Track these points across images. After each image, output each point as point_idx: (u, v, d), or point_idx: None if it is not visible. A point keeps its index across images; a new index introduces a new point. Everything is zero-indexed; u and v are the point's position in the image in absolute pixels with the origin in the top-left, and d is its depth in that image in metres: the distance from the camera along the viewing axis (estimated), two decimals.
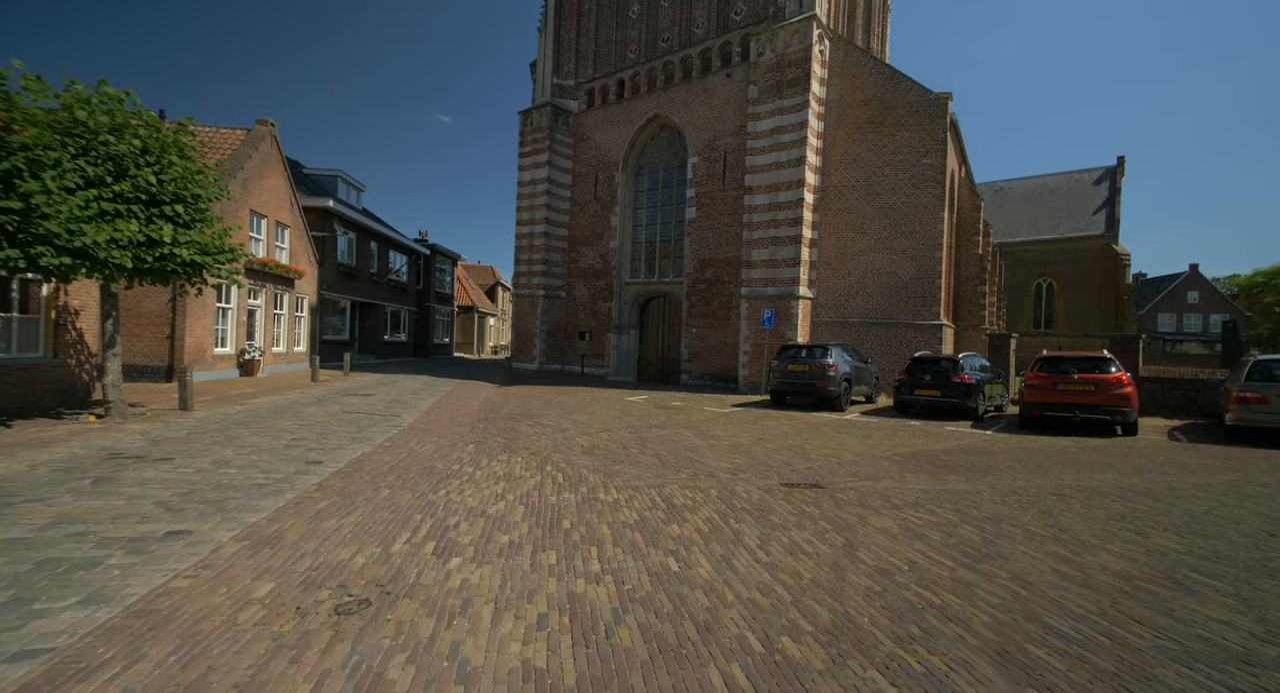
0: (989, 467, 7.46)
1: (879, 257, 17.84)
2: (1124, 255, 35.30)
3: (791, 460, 7.64)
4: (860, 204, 18.01)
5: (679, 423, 10.95)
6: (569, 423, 10.51)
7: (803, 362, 13.68)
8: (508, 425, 9.97)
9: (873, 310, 17.92)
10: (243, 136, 17.24)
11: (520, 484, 5.87)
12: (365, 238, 26.11)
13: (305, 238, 20.56)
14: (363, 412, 10.78)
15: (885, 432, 10.50)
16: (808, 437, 9.70)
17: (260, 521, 4.43)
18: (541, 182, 24.79)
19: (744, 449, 8.37)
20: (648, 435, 9.38)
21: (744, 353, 18.44)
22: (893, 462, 7.71)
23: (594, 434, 9.32)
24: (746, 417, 12.18)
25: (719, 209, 20.44)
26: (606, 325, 23.83)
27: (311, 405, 11.40)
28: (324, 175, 25.55)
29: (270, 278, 18.09)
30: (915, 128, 17.41)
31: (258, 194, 17.19)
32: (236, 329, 16.43)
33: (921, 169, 17.36)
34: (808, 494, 5.85)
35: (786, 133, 17.72)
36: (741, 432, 10.05)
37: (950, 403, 12.21)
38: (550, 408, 12.73)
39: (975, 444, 9.35)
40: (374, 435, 8.36)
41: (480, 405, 12.78)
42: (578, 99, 25.26)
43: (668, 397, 16.03)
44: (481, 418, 10.81)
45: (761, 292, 18.09)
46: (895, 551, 4.21)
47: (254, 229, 17.40)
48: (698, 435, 9.49)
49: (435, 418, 10.53)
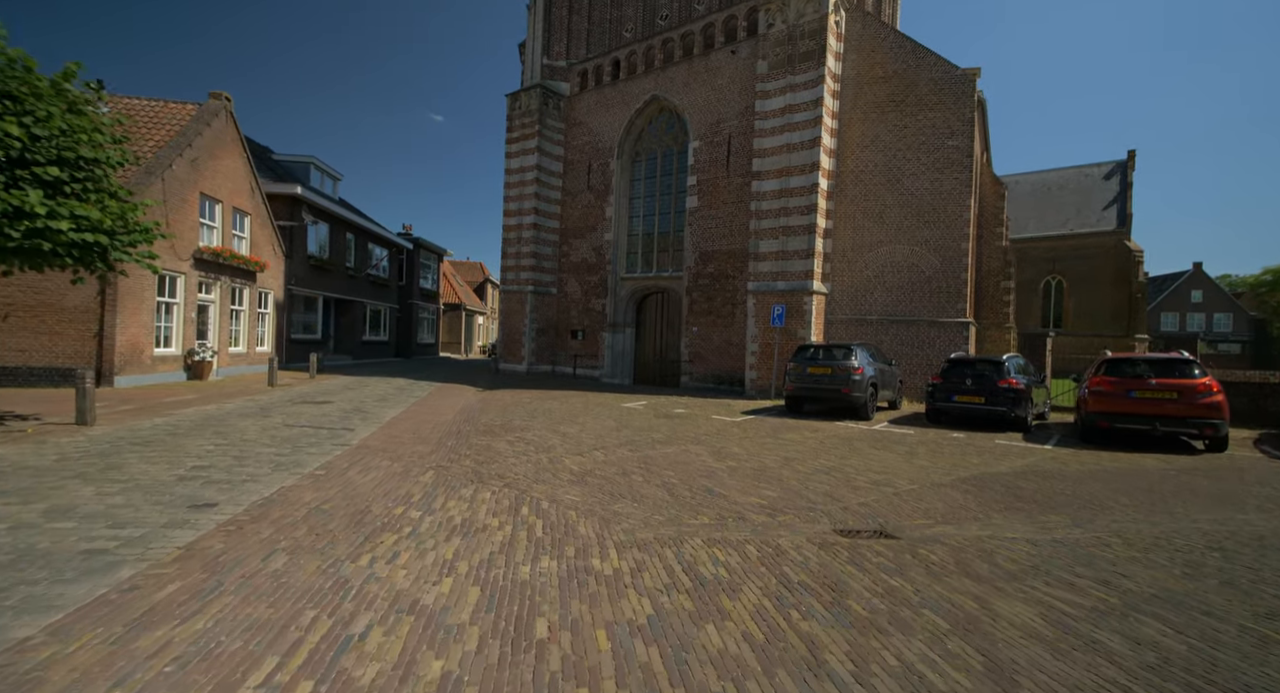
0: (1088, 500, 5.87)
1: (899, 248, 16.28)
2: (1137, 252, 34.04)
3: (835, 490, 6.02)
4: (879, 191, 16.45)
5: (686, 436, 9.31)
6: (557, 438, 8.84)
7: (823, 364, 12.07)
8: (483, 443, 8.29)
9: (892, 307, 16.36)
10: (193, 111, 15.41)
11: (482, 542, 4.21)
12: (340, 229, 24.29)
13: (269, 227, 18.75)
14: (309, 425, 9.06)
15: (929, 447, 8.90)
16: (842, 455, 8.09)
17: (31, 636, 2.73)
18: (530, 169, 23.06)
19: (772, 474, 6.74)
20: (651, 454, 7.74)
21: (751, 354, 16.83)
22: (961, 491, 6.11)
23: (586, 454, 7.66)
24: (762, 428, 10.55)
25: (723, 197, 18.81)
26: (600, 324, 22.16)
27: (250, 417, 9.65)
28: (295, 162, 23.71)
29: (227, 270, 16.28)
30: (940, 107, 15.86)
31: (210, 176, 15.39)
32: (184, 327, 14.61)
33: (946, 152, 15.82)
34: (881, 552, 4.22)
35: (799, 111, 16.11)
36: (762, 448, 8.41)
37: (995, 412, 10.65)
38: (537, 417, 11.05)
39: (1044, 465, 7.77)
40: (308, 459, 6.65)
41: (455, 415, 11.08)
42: (569, 81, 23.55)
43: (669, 402, 14.38)
44: (453, 432, 9.12)
45: (771, 286, 16.48)
46: (1071, 681, 2.58)
47: (206, 215, 15.59)
48: (711, 454, 7.86)
49: (396, 433, 8.83)
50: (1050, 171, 39.52)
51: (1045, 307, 37.36)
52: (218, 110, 15.71)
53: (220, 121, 15.84)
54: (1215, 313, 53.54)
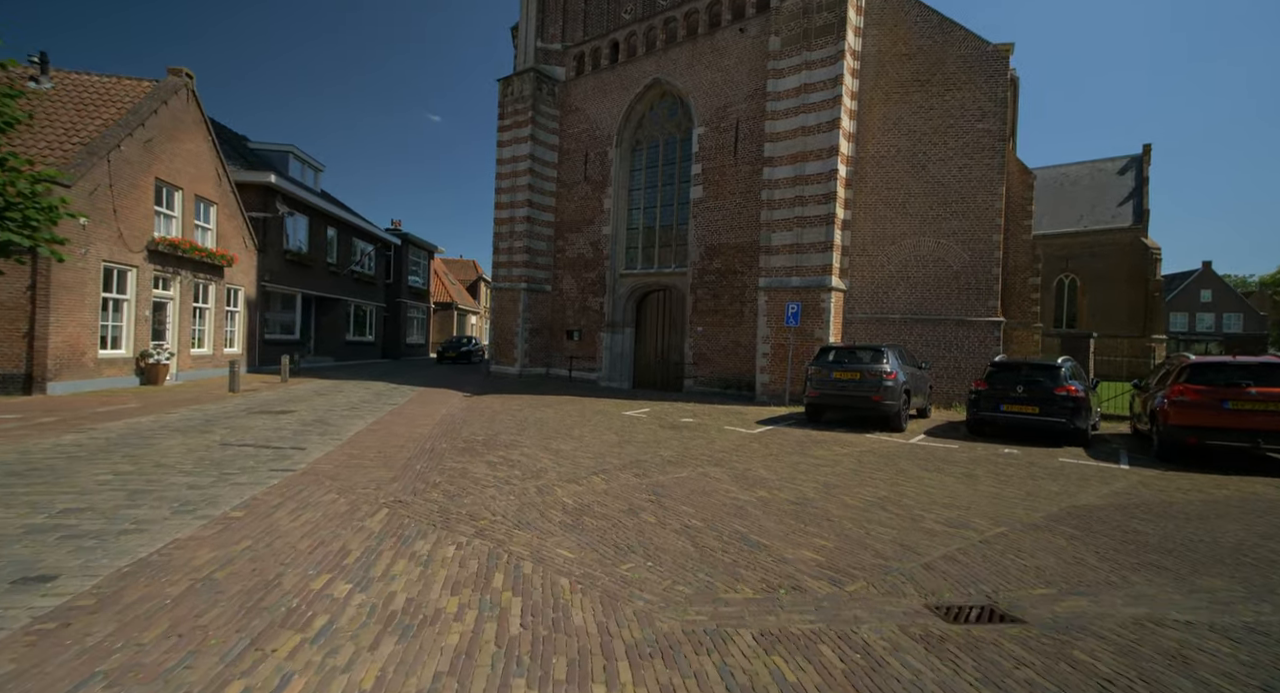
0: (1239, 551, 4.52)
1: (924, 240, 14.95)
2: (1154, 250, 32.87)
3: (906, 536, 4.65)
4: (902, 178, 15.11)
5: (700, 454, 7.93)
6: (548, 457, 7.45)
7: (851, 368, 10.71)
8: (459, 466, 6.89)
9: (916, 304, 15.03)
10: (148, 89, 13.96)
11: (427, 649, 2.82)
12: (321, 223, 22.82)
13: (239, 218, 17.30)
14: (253, 443, 7.64)
15: (988, 468, 7.55)
16: (890, 479, 6.73)
17: None
18: (524, 159, 21.65)
19: (816, 510, 5.37)
20: (662, 481, 6.36)
21: (762, 355, 15.48)
22: (1065, 536, 4.75)
23: (583, 481, 6.27)
24: (785, 442, 9.18)
25: (730, 187, 17.45)
26: (598, 323, 20.77)
27: (185, 433, 8.23)
28: (273, 150, 22.24)
29: (188, 264, 14.82)
30: (969, 86, 14.54)
31: (168, 160, 13.93)
32: (136, 326, 13.16)
33: (976, 135, 14.50)
34: (1014, 651, 2.86)
35: (816, 91, 14.76)
36: (793, 471, 7.04)
37: (1052, 423, 9.30)
38: (527, 429, 9.66)
39: (1139, 493, 6.42)
40: (228, 494, 5.25)
41: (433, 427, 9.68)
42: (565, 65, 22.15)
43: (674, 410, 13.01)
44: (426, 450, 7.72)
45: (784, 283, 15.12)
46: None
47: (163, 203, 14.13)
48: (735, 480, 6.48)
49: (356, 451, 7.42)
50: (1062, 166, 38.30)
51: (1059, 306, 36.15)
52: (176, 88, 14.26)
53: (180, 100, 14.38)
54: (1225, 313, 52.49)
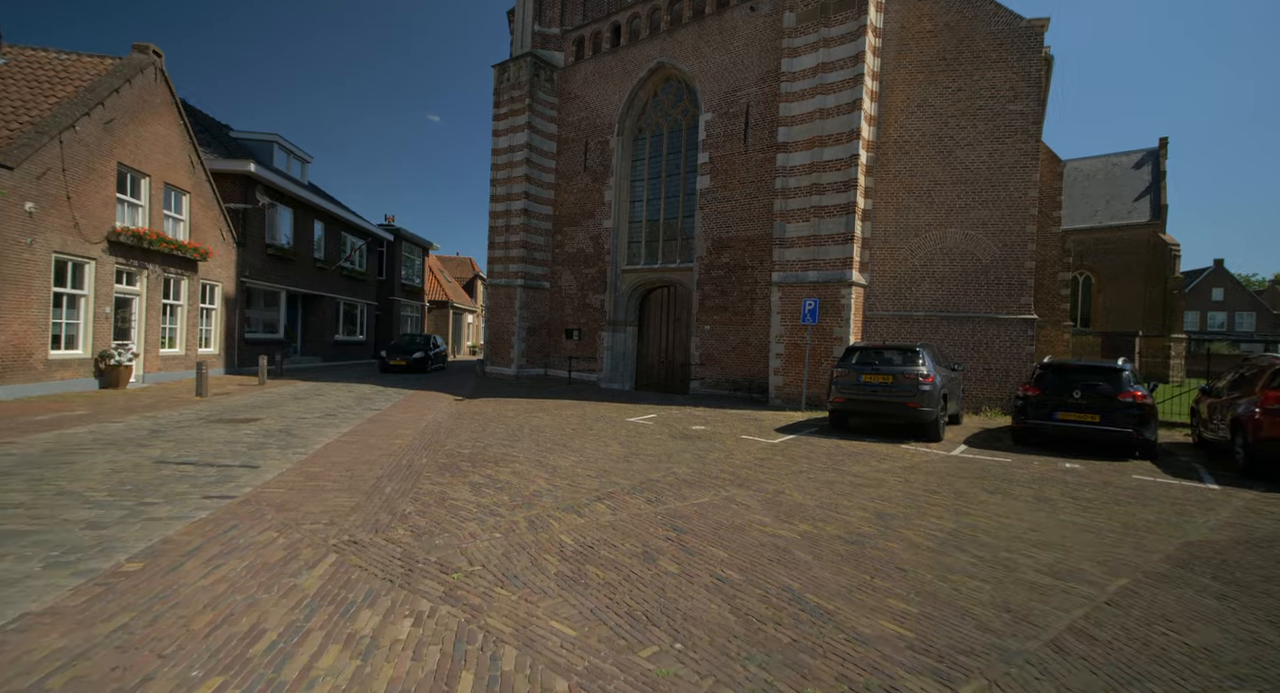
0: None
1: (951, 232, 13.87)
2: (1173, 246, 31.83)
3: (1007, 595, 3.57)
4: (927, 165, 14.02)
5: (720, 471, 6.84)
6: (544, 477, 6.36)
7: (882, 370, 9.62)
8: (437, 488, 5.79)
9: (943, 301, 13.94)
10: (111, 67, 12.83)
11: None
12: (308, 216, 21.70)
13: (216, 209, 16.18)
14: (196, 460, 6.53)
15: (1057, 489, 6.46)
16: (953, 505, 5.64)
17: None
18: (520, 148, 20.53)
19: (878, 552, 4.28)
20: (680, 509, 5.27)
21: (776, 356, 14.39)
22: (1210, 593, 3.67)
23: (585, 510, 5.18)
24: (814, 455, 8.09)
25: (740, 177, 16.36)
26: (599, 322, 19.68)
27: (119, 447, 7.12)
28: (256, 140, 21.09)
29: (156, 257, 13.70)
30: (1000, 65, 13.45)
31: (132, 144, 12.81)
32: (95, 324, 12.04)
33: (1008, 118, 13.41)
34: None
35: (835, 70, 13.66)
36: (834, 495, 5.95)
37: (1114, 434, 8.20)
38: (520, 439, 8.57)
39: (1252, 523, 5.34)
40: (135, 534, 4.15)
41: (415, 437, 8.58)
42: (564, 50, 21.04)
43: (683, 415, 11.92)
44: (401, 467, 6.62)
45: (800, 277, 14.03)
46: None
47: (127, 190, 13.02)
48: (768, 508, 5.39)
49: (318, 470, 6.32)
50: (1076, 161, 37.20)
51: (1073, 304, 35.07)
52: (142, 66, 13.13)
53: (146, 80, 13.26)
54: (1237, 312, 51.46)
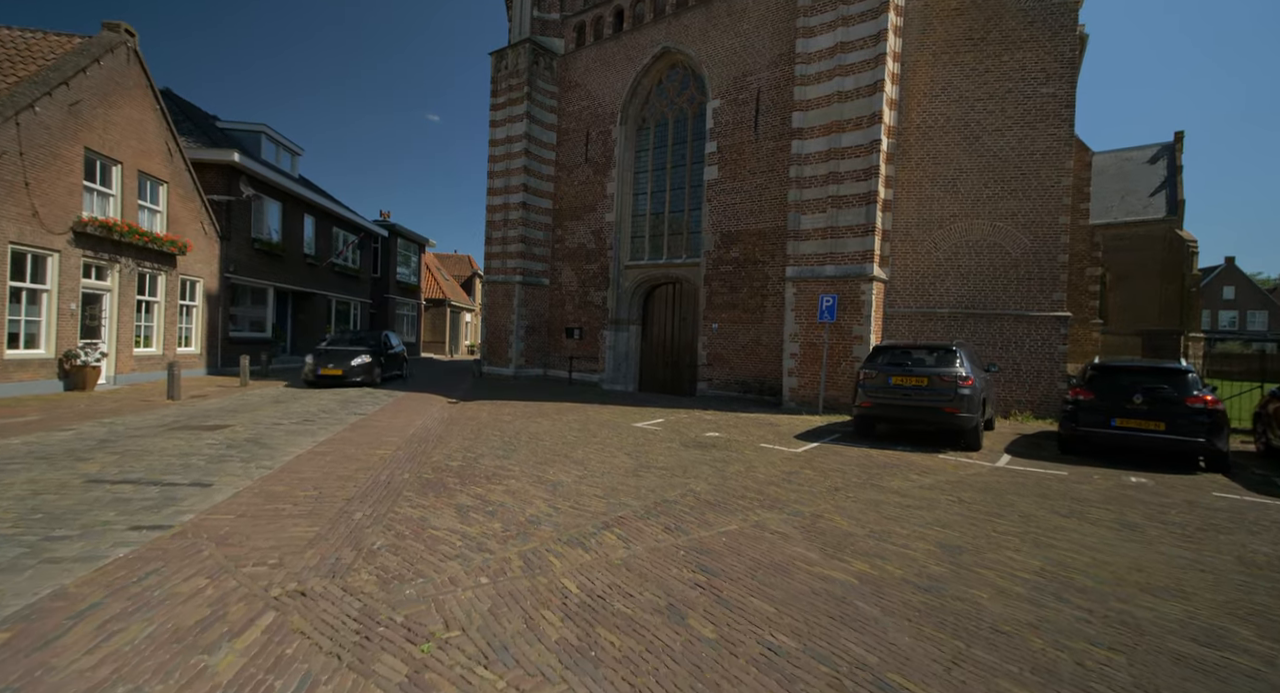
0: None
1: (978, 223, 13.00)
2: (1190, 242, 30.96)
3: (1156, 676, 2.70)
4: (951, 152, 13.15)
5: (744, 488, 5.97)
6: (543, 496, 5.49)
7: (915, 372, 8.74)
8: (416, 512, 4.93)
9: (969, 297, 13.07)
10: (78, 46, 11.95)
11: None
12: (298, 210, 20.82)
13: (197, 201, 15.30)
14: (137, 478, 5.65)
15: (1139, 511, 5.59)
16: (1028, 534, 4.77)
17: None
18: (518, 139, 19.65)
19: (961, 602, 3.41)
20: (706, 540, 4.40)
21: (790, 356, 13.52)
22: None
23: (592, 543, 4.31)
24: (845, 467, 7.21)
25: (750, 166, 15.49)
26: (600, 320, 18.81)
27: (50, 462, 6.24)
28: (243, 130, 20.21)
29: (130, 250, 12.82)
30: (1031, 44, 12.58)
31: (101, 128, 11.93)
32: (59, 321, 11.16)
33: (1039, 102, 12.54)
34: None
35: (854, 50, 12.78)
36: (883, 518, 5.08)
37: (1183, 444, 7.32)
38: (517, 449, 7.70)
39: None
40: (23, 584, 3.29)
41: (401, 446, 7.70)
42: (564, 37, 20.15)
43: (692, 420, 11.05)
44: (380, 483, 5.75)
45: (817, 272, 13.16)
46: None
47: (97, 178, 12.14)
48: (810, 538, 4.52)
49: (280, 489, 5.45)
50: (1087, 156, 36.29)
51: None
52: (112, 45, 12.25)
53: (117, 61, 12.38)
54: (1249, 310, 50.60)
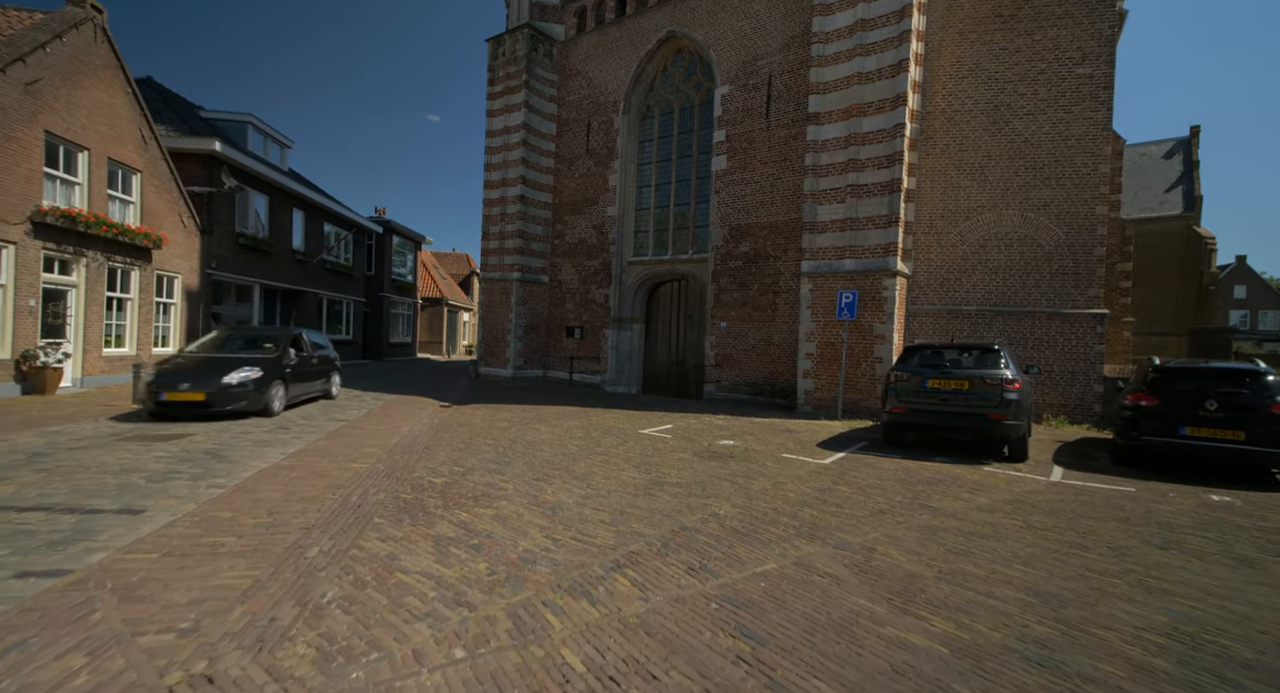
0: None
1: (1008, 214, 12.14)
2: (1208, 239, 30.13)
3: None
4: (979, 138, 12.29)
5: (775, 513, 5.10)
6: (539, 524, 4.62)
7: (954, 374, 7.88)
8: (385, 547, 4.06)
9: (997, 293, 12.22)
10: (38, 21, 11.08)
11: None
12: (286, 204, 19.94)
13: (175, 192, 14.43)
14: (51, 505, 4.76)
15: (1245, 540, 4.72)
16: (1131, 572, 3.90)
17: None
18: (516, 129, 18.78)
19: (1091, 682, 2.54)
20: (738, 585, 3.54)
21: (806, 356, 12.65)
22: None
23: (599, 590, 3.44)
24: (882, 483, 6.34)
25: (761, 156, 14.62)
26: (602, 319, 17.94)
27: None
28: (228, 120, 19.32)
29: (97, 243, 11.95)
30: (1066, 21, 11.73)
31: (64, 111, 11.07)
32: (15, 319, 10.29)
33: (1075, 83, 11.69)
34: None
35: (875, 28, 11.92)
36: (950, 553, 4.21)
37: (1266, 456, 6.48)
38: (512, 461, 6.83)
39: None
40: None
41: (381, 459, 6.83)
42: (564, 22, 19.29)
43: (702, 425, 10.18)
44: (349, 506, 4.88)
45: (835, 266, 12.29)
46: None
47: (58, 165, 11.27)
48: (870, 583, 3.65)
49: (231, 514, 4.58)
50: None
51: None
52: (77, 21, 11.37)
53: (83, 39, 11.51)
54: (1261, 309, 49.78)
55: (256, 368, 9.43)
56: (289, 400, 10.28)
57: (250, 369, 9.34)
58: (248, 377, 9.20)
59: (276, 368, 9.89)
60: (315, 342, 11.94)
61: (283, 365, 10.08)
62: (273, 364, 9.85)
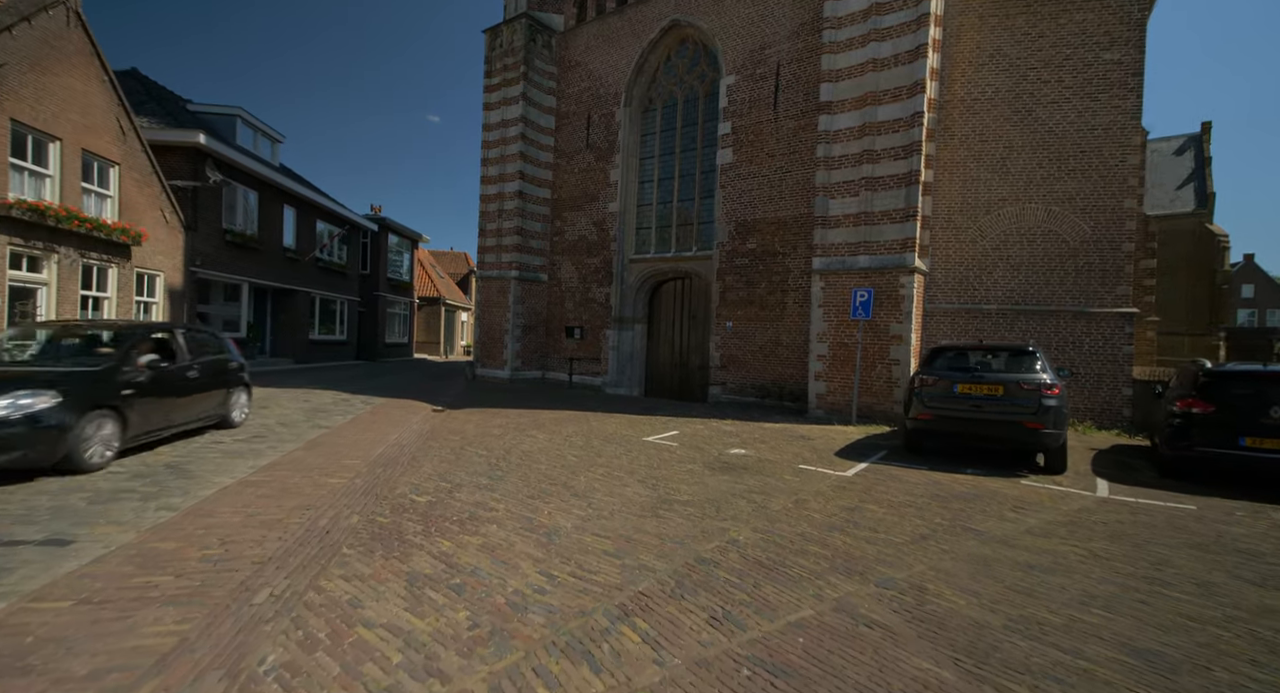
0: None
1: (1030, 208, 11.52)
2: (1221, 237, 29.50)
3: None
4: (1000, 127, 11.67)
5: (802, 539, 4.47)
6: (531, 557, 3.99)
7: (985, 378, 7.25)
8: (348, 591, 3.43)
9: (1019, 291, 11.60)
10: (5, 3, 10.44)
11: None
12: (276, 200, 19.32)
13: (156, 187, 13.80)
14: None
15: None
16: (1231, 618, 3.28)
17: None
18: (514, 122, 18.15)
19: None
20: (771, 640, 2.91)
21: (817, 358, 12.02)
22: None
23: (602, 649, 2.81)
24: (915, 499, 5.71)
25: (768, 148, 13.99)
26: (603, 319, 17.31)
27: None
28: (216, 113, 18.68)
29: (70, 238, 11.33)
30: (1093, 4, 11.11)
31: (32, 98, 10.44)
32: None
33: (1102, 69, 11.08)
34: None
35: (891, 12, 11.29)
36: (1014, 592, 3.58)
37: None
38: (505, 475, 6.20)
39: None
40: None
41: (360, 473, 6.20)
42: (564, 13, 18.66)
43: (710, 432, 9.55)
44: (315, 534, 4.25)
45: (848, 263, 11.67)
46: None
47: (26, 155, 10.64)
48: (930, 639, 3.02)
49: (176, 544, 3.95)
50: None
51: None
52: (49, 3, 10.73)
53: (54, 22, 10.88)
54: (1269, 308, 49.17)
55: (48, 391, 5.33)
56: (134, 437, 6.22)
57: (32, 394, 5.24)
58: (25, 408, 5.11)
59: (101, 388, 5.84)
60: (203, 341, 8.02)
61: (115, 383, 6.00)
62: (91, 382, 5.80)
